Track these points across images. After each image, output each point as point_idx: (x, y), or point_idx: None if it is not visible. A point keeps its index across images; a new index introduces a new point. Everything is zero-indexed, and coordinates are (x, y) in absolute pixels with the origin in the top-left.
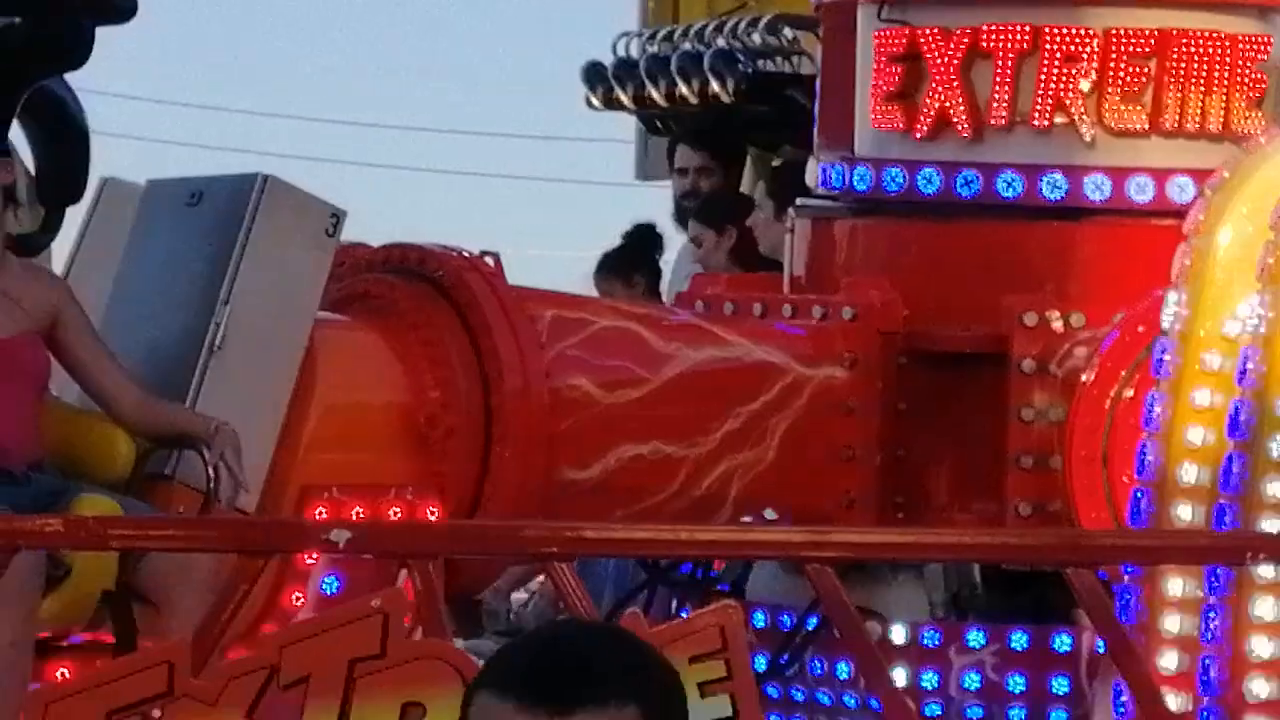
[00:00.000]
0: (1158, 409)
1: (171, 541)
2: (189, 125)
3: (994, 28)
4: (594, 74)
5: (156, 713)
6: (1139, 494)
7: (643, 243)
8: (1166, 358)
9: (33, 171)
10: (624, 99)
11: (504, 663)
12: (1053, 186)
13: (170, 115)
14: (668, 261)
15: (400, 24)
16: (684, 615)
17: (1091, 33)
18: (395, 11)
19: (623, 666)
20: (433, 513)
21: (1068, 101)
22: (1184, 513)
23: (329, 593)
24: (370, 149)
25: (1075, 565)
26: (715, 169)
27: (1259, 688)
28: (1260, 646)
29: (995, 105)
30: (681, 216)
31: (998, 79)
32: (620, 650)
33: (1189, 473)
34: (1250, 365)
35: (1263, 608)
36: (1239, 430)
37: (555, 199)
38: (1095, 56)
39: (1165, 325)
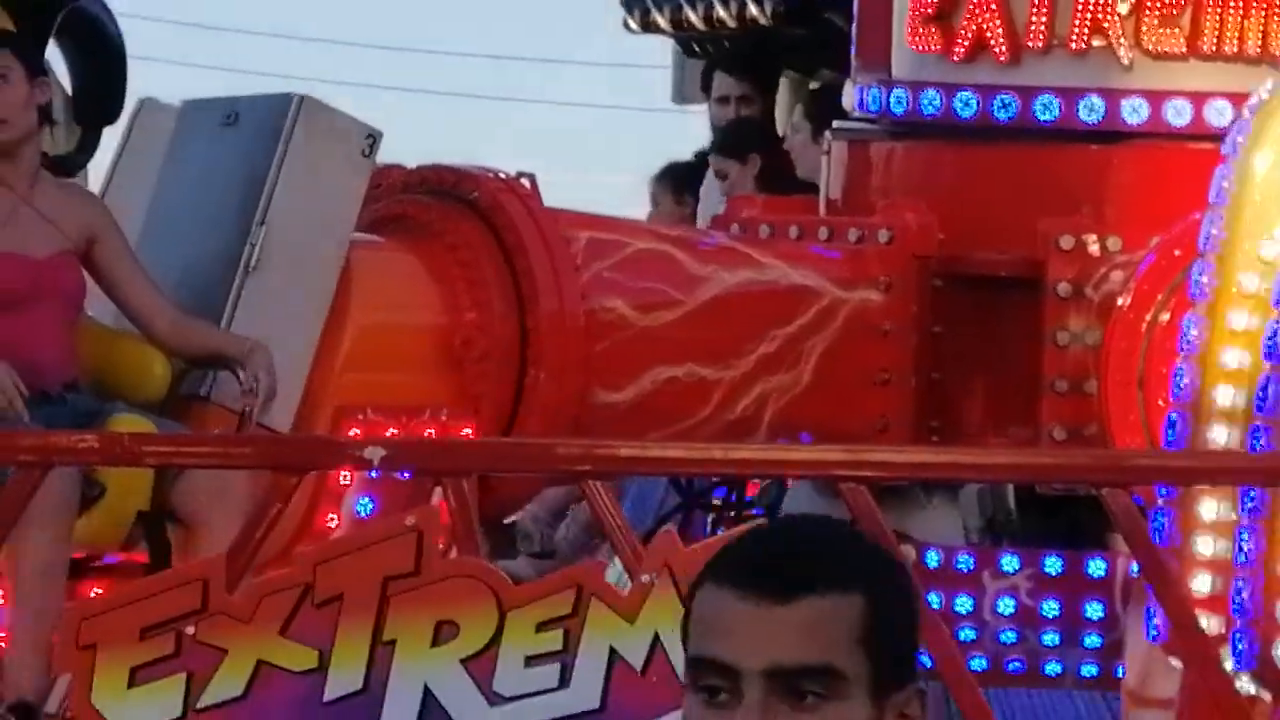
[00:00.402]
0: (1193, 331)
1: (206, 459)
2: (223, 49)
3: None
4: None
5: (190, 629)
6: (1174, 416)
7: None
8: (1203, 279)
9: (69, 91)
10: (661, 22)
11: (725, 554)
12: (1090, 110)
13: (205, 38)
14: None
15: None
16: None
17: None
18: None
19: (845, 555)
20: (467, 434)
21: (1105, 24)
22: (1219, 435)
23: (363, 514)
24: (405, 73)
25: (1110, 486)
26: (755, 96)
27: None
28: None
29: (1033, 27)
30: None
31: (1035, 1)
32: (844, 540)
33: (1225, 395)
34: None
35: None
36: (1275, 353)
37: (591, 123)
38: None
39: (1202, 246)
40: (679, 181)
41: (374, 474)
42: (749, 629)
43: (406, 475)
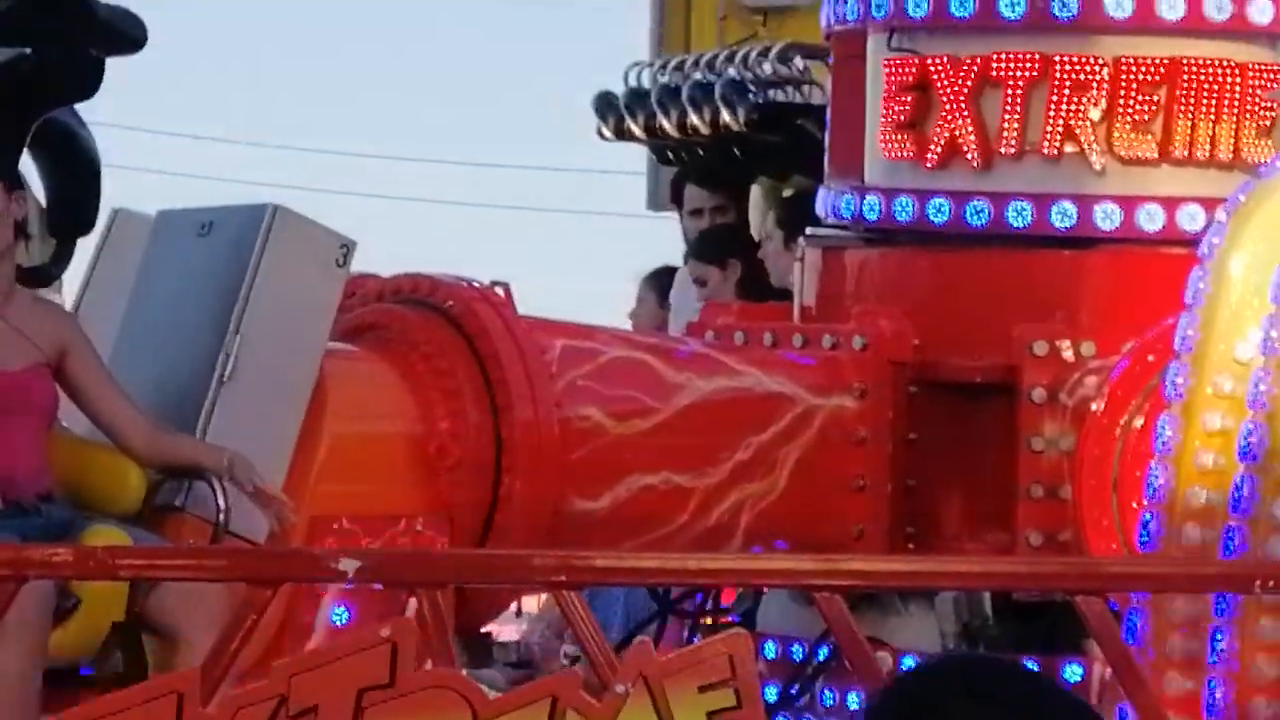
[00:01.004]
0: (1169, 432)
1: (180, 571)
2: (201, 158)
3: (1004, 56)
4: (605, 104)
5: None
6: (1148, 517)
7: None
8: (1179, 380)
9: (43, 203)
10: (635, 129)
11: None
12: (1063, 215)
13: (181, 147)
14: None
15: (412, 54)
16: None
17: (1101, 61)
18: (406, 43)
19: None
20: (442, 543)
21: (1078, 130)
22: (1193, 535)
23: (339, 624)
24: (381, 181)
25: (1085, 593)
26: (729, 205)
27: (1264, 709)
28: (1267, 667)
29: (1005, 134)
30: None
31: (1007, 108)
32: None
33: (1199, 496)
34: (1262, 387)
35: (1269, 629)
36: (1250, 453)
37: (567, 230)
38: (1105, 85)
39: (1178, 348)
40: (666, 286)
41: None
42: None
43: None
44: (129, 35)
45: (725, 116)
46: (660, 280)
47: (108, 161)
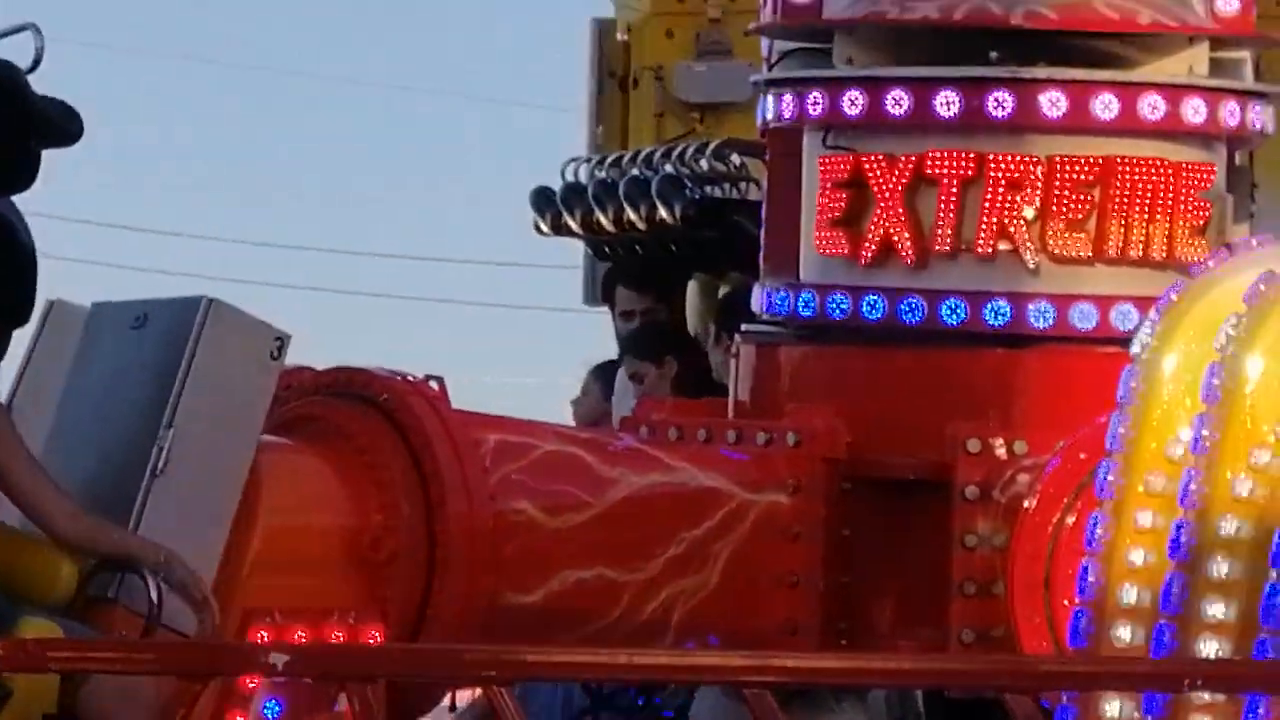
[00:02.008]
0: (1100, 530)
1: (111, 664)
2: (136, 249)
3: (938, 154)
4: (542, 199)
5: None
6: (1079, 614)
7: None
8: (1110, 478)
9: None
10: (572, 224)
11: None
12: (996, 313)
13: (117, 239)
14: None
15: (348, 152)
16: None
17: (1035, 160)
18: (342, 141)
19: None
20: (375, 636)
21: (1012, 228)
22: (1124, 633)
23: (270, 717)
24: (316, 274)
25: (1015, 691)
26: (661, 308)
27: None
28: None
29: (939, 232)
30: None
31: (942, 206)
32: None
33: (1129, 593)
34: (1193, 486)
35: None
36: (1180, 551)
37: (503, 325)
38: (1039, 184)
39: (1110, 446)
40: (608, 381)
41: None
42: None
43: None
44: (65, 130)
45: (662, 212)
46: (606, 372)
47: (43, 252)
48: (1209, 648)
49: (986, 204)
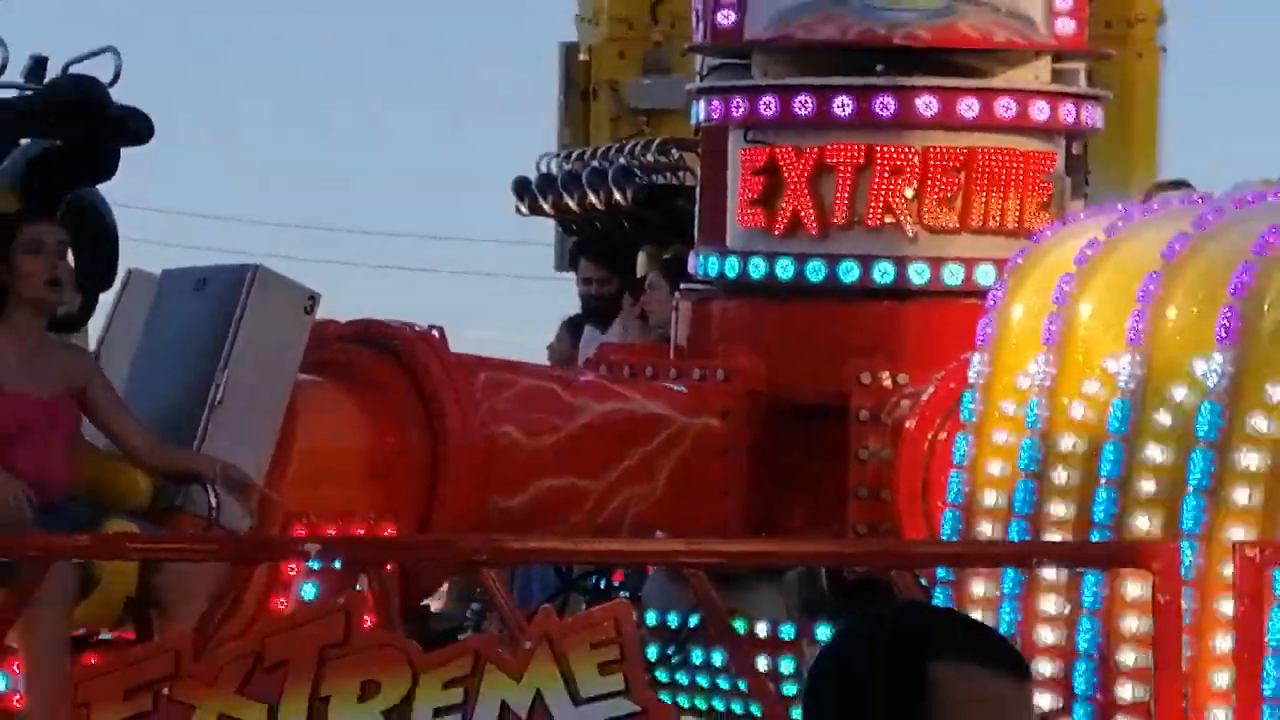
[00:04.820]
0: (965, 447)
1: (179, 553)
2: (193, 231)
3: (836, 147)
4: (521, 187)
5: (166, 690)
6: (950, 514)
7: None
8: (972, 405)
9: (72, 264)
10: (545, 207)
11: (951, 637)
12: (883, 273)
13: (177, 222)
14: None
15: (350, 152)
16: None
17: (914, 150)
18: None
19: None
20: (389, 533)
21: (895, 205)
22: (985, 529)
23: (308, 598)
24: (336, 249)
25: (898, 568)
26: (613, 277)
27: (1045, 668)
28: (1045, 635)
29: (837, 208)
30: (588, 312)
31: (839, 188)
32: None
33: (989, 497)
34: (1037, 411)
35: (1046, 603)
36: (1028, 463)
37: (486, 288)
38: (917, 169)
39: (972, 379)
40: (576, 330)
41: (314, 564)
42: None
43: (339, 565)
44: (139, 131)
45: (617, 196)
46: (575, 325)
47: (124, 233)
48: (1053, 539)
49: (875, 186)
